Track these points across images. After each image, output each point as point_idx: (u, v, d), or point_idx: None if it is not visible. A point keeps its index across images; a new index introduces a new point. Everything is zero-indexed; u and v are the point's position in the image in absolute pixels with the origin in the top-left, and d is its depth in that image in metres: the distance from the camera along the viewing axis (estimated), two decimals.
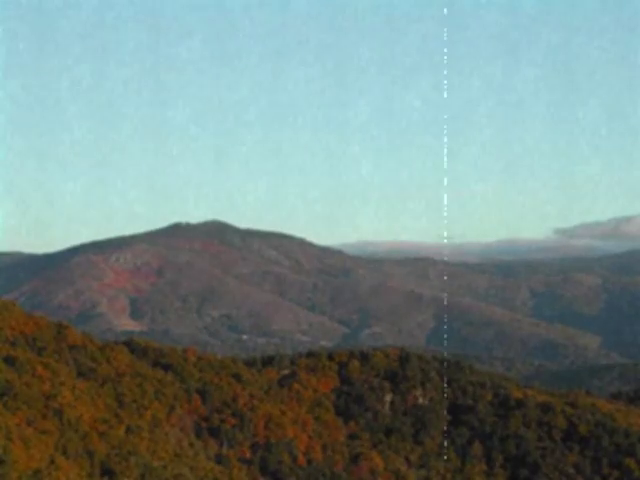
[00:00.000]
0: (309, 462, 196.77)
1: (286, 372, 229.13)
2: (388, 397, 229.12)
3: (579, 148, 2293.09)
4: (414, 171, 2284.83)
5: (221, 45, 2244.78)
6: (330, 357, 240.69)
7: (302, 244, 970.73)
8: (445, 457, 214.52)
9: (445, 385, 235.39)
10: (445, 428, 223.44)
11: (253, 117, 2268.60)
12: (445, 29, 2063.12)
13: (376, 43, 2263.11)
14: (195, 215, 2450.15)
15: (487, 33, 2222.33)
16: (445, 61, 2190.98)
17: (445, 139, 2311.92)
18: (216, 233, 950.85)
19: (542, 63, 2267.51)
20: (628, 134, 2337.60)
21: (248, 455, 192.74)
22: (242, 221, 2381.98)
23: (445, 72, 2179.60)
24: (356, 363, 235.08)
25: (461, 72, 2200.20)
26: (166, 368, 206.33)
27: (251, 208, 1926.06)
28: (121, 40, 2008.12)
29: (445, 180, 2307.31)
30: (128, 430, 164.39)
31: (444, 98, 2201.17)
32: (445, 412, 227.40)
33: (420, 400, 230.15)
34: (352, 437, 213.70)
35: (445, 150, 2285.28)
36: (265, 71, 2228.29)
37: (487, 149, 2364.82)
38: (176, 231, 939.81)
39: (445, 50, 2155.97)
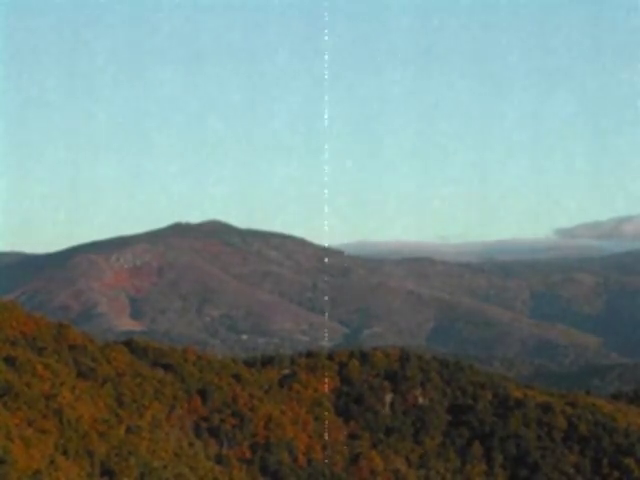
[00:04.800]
0: (309, 462, 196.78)
1: (286, 372, 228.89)
2: (388, 397, 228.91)
3: (579, 148, 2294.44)
4: (414, 171, 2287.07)
5: (222, 44, 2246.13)
6: (330, 357, 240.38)
7: (302, 244, 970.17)
8: (445, 457, 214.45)
9: (445, 385, 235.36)
10: (445, 428, 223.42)
11: (254, 118, 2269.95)
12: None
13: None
14: (195, 215, 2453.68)
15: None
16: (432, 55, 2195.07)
17: (445, 139, 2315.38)
18: (216, 233, 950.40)
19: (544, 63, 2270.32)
20: (628, 134, 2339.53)
21: (248, 455, 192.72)
22: (242, 221, 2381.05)
23: (446, 67, 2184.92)
24: (356, 363, 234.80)
25: (460, 73, 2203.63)
26: (166, 368, 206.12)
27: (251, 208, 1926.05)
28: (108, 35, 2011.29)
29: (445, 180, 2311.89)
30: (128, 430, 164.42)
31: (444, 99, 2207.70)
32: (445, 412, 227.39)
33: (420, 400, 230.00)
34: (352, 437, 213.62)
35: (445, 150, 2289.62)
36: (266, 71, 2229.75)
37: (487, 149, 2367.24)
38: (176, 231, 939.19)
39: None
